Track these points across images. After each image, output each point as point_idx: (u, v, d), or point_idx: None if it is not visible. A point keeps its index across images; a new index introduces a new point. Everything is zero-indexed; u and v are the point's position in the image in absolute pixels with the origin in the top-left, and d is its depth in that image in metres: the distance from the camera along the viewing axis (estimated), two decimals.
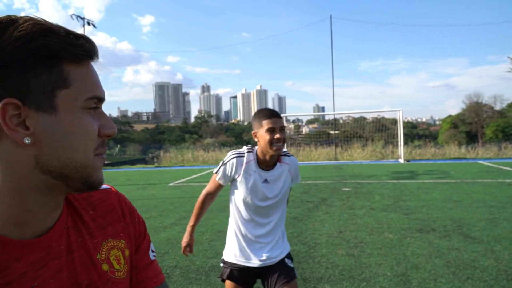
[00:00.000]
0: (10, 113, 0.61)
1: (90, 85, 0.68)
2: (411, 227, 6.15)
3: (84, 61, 0.67)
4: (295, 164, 2.49)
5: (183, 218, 7.45)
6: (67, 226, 0.74)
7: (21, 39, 0.61)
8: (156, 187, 12.38)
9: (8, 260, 0.64)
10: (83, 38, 0.67)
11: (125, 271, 0.81)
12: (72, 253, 0.73)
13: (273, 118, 2.28)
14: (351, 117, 40.62)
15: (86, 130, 0.66)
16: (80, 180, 0.68)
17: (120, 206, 0.86)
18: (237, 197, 2.42)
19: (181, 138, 64.54)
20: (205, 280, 4.25)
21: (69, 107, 0.65)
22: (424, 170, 14.32)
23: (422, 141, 32.58)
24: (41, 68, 0.62)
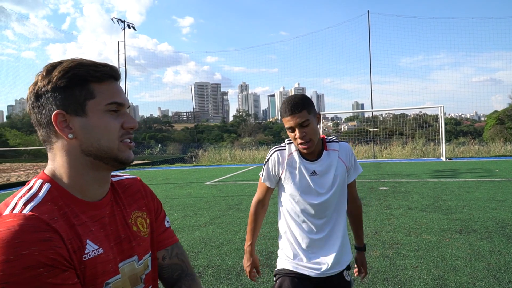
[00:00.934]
0: (59, 119, 0.98)
1: (110, 95, 1.01)
2: (450, 228, 5.92)
3: (105, 80, 1.01)
4: (346, 149, 2.13)
5: (217, 217, 7.51)
6: (111, 199, 1.11)
7: (61, 72, 0.97)
8: (193, 186, 12.56)
9: (79, 211, 1.00)
10: (104, 66, 1.02)
11: (147, 232, 1.17)
12: (115, 217, 1.09)
13: (289, 115, 1.95)
14: (391, 114, 39.63)
15: (107, 126, 1.00)
16: (111, 158, 1.02)
17: (144, 189, 1.25)
18: (285, 197, 2.13)
19: (219, 137, 65.22)
20: (236, 280, 4.26)
21: (95, 111, 0.99)
22: (466, 168, 13.74)
23: (465, 138, 31.30)
24: (75, 88, 0.98)
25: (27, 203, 0.92)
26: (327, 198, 2.05)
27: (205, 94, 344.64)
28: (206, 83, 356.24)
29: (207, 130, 76.88)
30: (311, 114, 1.96)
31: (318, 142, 2.04)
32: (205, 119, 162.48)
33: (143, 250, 1.13)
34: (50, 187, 0.99)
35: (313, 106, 2.00)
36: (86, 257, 0.95)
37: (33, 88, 0.99)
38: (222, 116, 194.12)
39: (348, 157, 2.12)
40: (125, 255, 1.07)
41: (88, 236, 0.98)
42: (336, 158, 2.08)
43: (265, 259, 4.86)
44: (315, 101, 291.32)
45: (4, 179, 17.58)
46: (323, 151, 2.08)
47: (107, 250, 1.01)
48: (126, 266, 1.06)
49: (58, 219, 0.93)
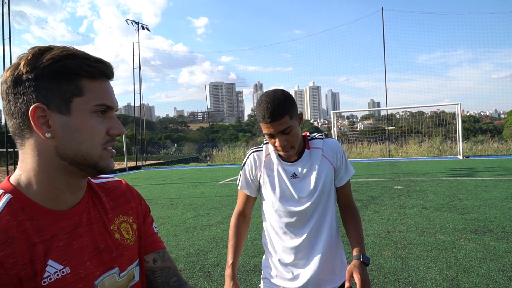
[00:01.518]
0: (38, 114, 0.84)
1: (101, 95, 0.90)
2: (465, 227, 5.80)
3: (98, 78, 0.90)
4: (333, 146, 1.86)
5: (229, 216, 7.50)
6: (88, 205, 0.98)
7: (50, 60, 0.84)
8: (206, 185, 12.59)
9: (46, 224, 0.87)
10: (100, 62, 0.90)
11: (133, 239, 1.05)
12: (92, 225, 0.96)
13: (268, 123, 1.70)
14: (408, 112, 39.17)
15: (92, 129, 0.88)
16: (88, 165, 0.89)
17: (131, 192, 1.13)
18: (265, 205, 1.91)
19: (234, 136, 65.38)
20: (245, 280, 4.25)
21: (80, 110, 0.87)
22: (484, 167, 13.47)
23: (484, 136, 30.73)
24: (62, 81, 0.85)
25: None
26: (309, 205, 1.80)
27: (220, 94, 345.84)
28: (220, 83, 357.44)
29: (222, 130, 77.17)
30: (293, 119, 1.73)
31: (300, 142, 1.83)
32: (220, 119, 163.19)
33: (127, 260, 1.01)
34: (10, 198, 0.86)
35: (295, 107, 1.76)
36: (46, 281, 0.83)
37: (13, 72, 0.85)
38: (237, 116, 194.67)
39: (336, 155, 1.86)
40: (106, 267, 0.95)
41: (52, 255, 0.85)
42: (319, 157, 1.83)
43: None
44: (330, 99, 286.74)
45: None
46: (305, 150, 1.85)
47: (76, 267, 0.88)
48: (106, 279, 0.94)
49: (12, 241, 0.80)
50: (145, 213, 1.16)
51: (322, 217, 1.83)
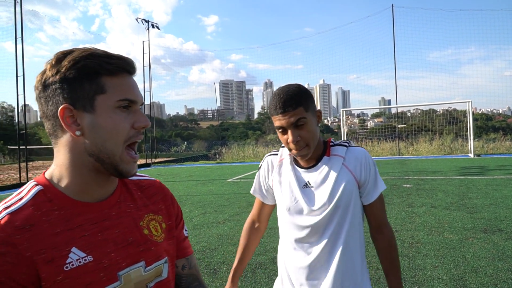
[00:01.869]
0: (66, 114, 0.90)
1: (122, 90, 0.92)
2: (475, 227, 5.73)
3: (119, 74, 0.93)
4: (358, 156, 1.62)
5: (236, 214, 7.51)
6: (119, 200, 1.02)
7: (71, 62, 0.89)
8: (215, 183, 12.63)
9: (72, 214, 0.93)
10: (119, 58, 0.93)
11: (161, 237, 1.07)
12: (122, 218, 1.00)
13: (280, 113, 1.53)
14: (419, 109, 38.82)
15: (116, 125, 0.91)
16: (111, 166, 0.93)
17: (163, 193, 1.16)
18: (278, 215, 1.74)
19: (244, 134, 65.34)
20: (251, 278, 4.25)
21: (104, 107, 0.91)
22: (495, 165, 13.29)
23: (497, 134, 30.33)
24: (84, 80, 0.90)
25: (4, 210, 0.89)
26: (321, 219, 1.59)
27: (230, 92, 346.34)
28: (230, 81, 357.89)
29: (232, 128, 77.20)
30: (309, 112, 1.55)
31: (318, 146, 1.64)
32: (230, 117, 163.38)
33: (154, 256, 1.03)
34: (39, 190, 0.93)
35: (312, 101, 1.60)
36: (68, 267, 0.88)
37: (41, 77, 0.92)
38: (247, 114, 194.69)
39: (360, 167, 1.61)
40: (132, 259, 0.98)
41: (76, 243, 0.91)
42: (338, 166, 1.60)
43: None
44: (340, 97, 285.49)
45: (37, 176, 18.13)
46: (323, 157, 1.64)
47: (99, 257, 0.93)
48: (132, 271, 0.98)
49: (31, 228, 0.87)
50: (177, 216, 1.19)
51: (336, 235, 1.61)
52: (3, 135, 33.98)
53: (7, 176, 18.61)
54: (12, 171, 21.07)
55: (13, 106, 45.55)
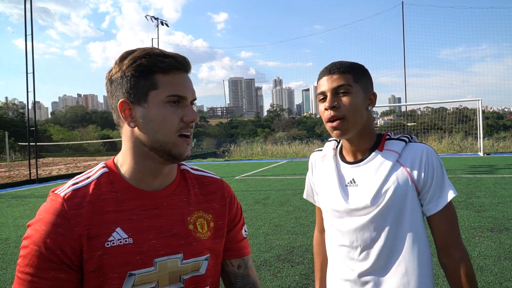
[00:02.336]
0: (124, 107, 1.00)
1: (173, 87, 0.99)
2: (482, 225, 5.69)
3: (171, 71, 1.00)
4: (418, 154, 1.32)
5: (243, 211, 7.51)
6: (174, 192, 1.09)
7: (130, 61, 0.99)
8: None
9: (126, 198, 1.02)
10: (172, 57, 1.00)
11: (206, 235, 1.10)
12: (171, 210, 1.06)
13: (325, 75, 1.35)
14: (429, 107, 38.50)
15: (164, 118, 0.99)
16: (164, 152, 1.00)
17: (223, 193, 1.18)
18: (323, 216, 1.54)
19: (253, 132, 65.39)
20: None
21: (156, 102, 0.98)
22: (505, 164, 13.17)
23: (507, 132, 29.98)
24: (140, 77, 0.98)
25: (72, 185, 1.01)
26: (366, 222, 1.33)
27: (239, 89, 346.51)
28: (240, 78, 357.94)
29: (241, 125, 77.34)
30: (358, 84, 1.33)
31: (369, 137, 1.39)
32: (239, 114, 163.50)
33: (194, 251, 1.07)
34: (104, 172, 1.05)
35: (368, 78, 1.39)
36: (109, 244, 0.97)
37: (109, 74, 1.03)
38: (256, 111, 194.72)
39: (420, 167, 1.31)
40: (171, 250, 1.04)
41: (122, 224, 0.99)
42: (391, 163, 1.33)
43: (286, 254, 4.84)
44: None
45: (46, 172, 18.38)
46: (373, 150, 1.38)
47: (140, 241, 1.00)
48: (170, 261, 1.03)
49: (87, 205, 0.98)
50: (234, 218, 1.21)
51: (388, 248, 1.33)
52: (14, 132, 34.38)
53: (17, 173, 18.85)
54: (23, 168, 21.33)
55: (23, 103, 46.12)
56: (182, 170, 1.16)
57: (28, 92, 15.44)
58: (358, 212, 1.34)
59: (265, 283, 4.04)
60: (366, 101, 1.36)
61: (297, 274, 4.21)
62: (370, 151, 1.38)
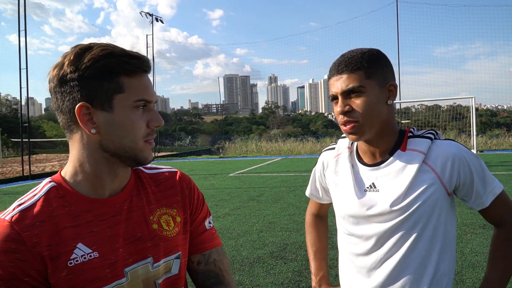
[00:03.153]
0: (83, 112, 0.91)
1: (140, 90, 0.93)
2: (474, 222, 5.74)
3: (137, 74, 0.93)
4: (447, 153, 1.21)
5: (237, 208, 7.55)
6: (131, 194, 1.02)
7: (90, 60, 0.89)
8: (217, 177, 12.67)
9: (81, 210, 0.94)
10: (137, 58, 0.94)
11: (173, 231, 1.05)
12: (132, 213, 1.00)
13: (334, 75, 1.24)
14: (424, 105, 38.67)
15: (133, 124, 0.92)
16: (129, 158, 0.95)
17: (181, 185, 1.12)
18: (337, 220, 1.42)
19: (248, 129, 65.36)
20: (248, 271, 4.27)
21: (122, 107, 0.92)
22: (498, 161, 13.29)
23: (501, 130, 30.21)
24: (104, 80, 0.90)
25: (18, 207, 0.91)
26: (385, 230, 1.24)
27: (234, 87, 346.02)
28: (235, 75, 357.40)
29: (236, 122, 77.27)
30: (371, 80, 1.20)
31: (390, 135, 1.27)
32: (234, 111, 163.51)
33: (163, 251, 1.01)
34: (52, 186, 0.95)
35: (383, 68, 1.24)
36: (72, 262, 0.89)
37: (58, 72, 0.91)
38: (251, 108, 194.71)
39: (452, 168, 1.20)
40: (139, 255, 0.98)
41: (83, 239, 0.92)
42: (417, 165, 1.21)
43: (279, 251, 4.85)
44: None
45: (40, 169, 18.28)
46: (396, 151, 1.26)
47: (105, 253, 0.93)
48: (140, 268, 0.98)
49: (40, 224, 0.89)
50: (195, 209, 1.13)
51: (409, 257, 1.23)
52: (7, 128, 34.16)
53: (10, 169, 18.73)
54: (16, 164, 21.20)
55: (17, 99, 45.78)
56: (135, 170, 1.08)
57: (22, 88, 15.36)
58: (378, 219, 1.24)
59: (258, 279, 4.04)
60: (385, 95, 1.23)
61: (290, 271, 4.22)
62: (391, 152, 1.26)
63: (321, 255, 1.57)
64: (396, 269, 1.24)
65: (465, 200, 1.27)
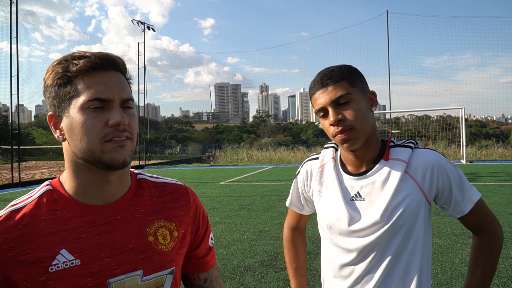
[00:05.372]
0: (53, 121, 0.94)
1: (93, 91, 0.89)
2: (463, 232, 5.77)
3: (89, 73, 0.89)
4: (427, 162, 1.26)
5: (228, 216, 7.52)
6: (129, 203, 0.99)
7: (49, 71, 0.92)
8: (207, 185, 12.62)
9: (72, 216, 0.93)
10: (86, 57, 0.90)
11: (169, 246, 1.01)
12: (126, 223, 0.97)
13: (319, 89, 1.25)
14: (414, 115, 39.02)
15: (86, 125, 0.88)
16: (96, 161, 0.90)
17: (186, 199, 1.09)
18: (320, 230, 1.44)
19: (239, 137, 65.33)
20: (239, 280, 4.25)
21: (76, 109, 0.89)
22: (487, 172, 13.41)
23: (490, 140, 30.58)
24: (60, 86, 0.90)
25: (10, 207, 0.93)
26: (371, 241, 1.26)
27: (225, 95, 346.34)
28: (226, 84, 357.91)
29: (227, 131, 77.20)
30: (355, 88, 1.25)
31: (373, 144, 1.30)
32: (225, 120, 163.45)
33: (155, 265, 0.98)
34: (47, 190, 0.96)
35: (362, 79, 1.29)
36: (54, 268, 0.87)
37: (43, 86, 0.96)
38: (242, 117, 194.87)
39: (431, 176, 1.25)
40: (128, 267, 0.94)
41: (67, 245, 0.90)
42: (400, 174, 1.24)
43: (270, 260, 4.84)
44: None
45: (29, 176, 18.07)
46: (379, 160, 1.29)
47: (88, 261, 0.90)
48: (128, 280, 0.94)
49: (23, 227, 0.88)
50: (201, 228, 1.12)
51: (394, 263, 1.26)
52: None
53: None
54: (5, 171, 20.92)
55: (7, 106, 45.29)
56: (138, 179, 1.06)
57: (12, 95, 15.21)
58: (365, 231, 1.26)
59: None
60: (368, 103, 1.28)
61: (281, 279, 4.21)
62: (375, 161, 1.29)
63: (300, 272, 1.57)
64: (380, 279, 1.27)
65: (444, 208, 1.31)
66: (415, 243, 1.26)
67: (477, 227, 1.32)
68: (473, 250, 1.33)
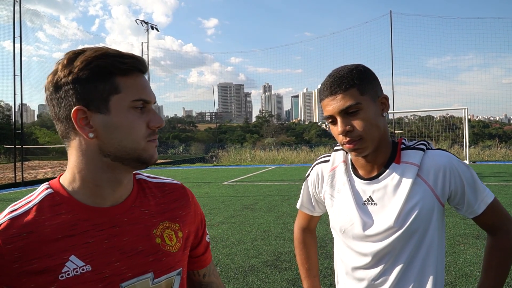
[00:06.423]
0: (79, 116, 0.87)
1: (137, 90, 0.90)
2: (467, 233, 5.77)
3: (131, 73, 0.90)
4: (438, 164, 1.24)
5: (231, 216, 7.53)
6: (133, 205, 0.98)
7: (83, 62, 0.86)
8: (210, 185, 12.64)
9: (79, 219, 0.90)
10: (131, 57, 0.90)
11: (176, 247, 1.01)
12: (133, 225, 0.95)
13: (328, 96, 1.23)
14: (417, 115, 38.93)
15: (132, 125, 0.89)
16: (133, 159, 0.90)
17: (186, 199, 1.10)
18: (333, 232, 1.44)
19: (242, 137, 65.36)
20: (243, 280, 4.26)
21: (119, 108, 0.88)
22: (490, 172, 13.38)
23: (493, 141, 30.50)
24: (98, 81, 0.87)
25: (9, 214, 0.87)
26: (385, 246, 1.26)
27: (228, 95, 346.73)
28: (229, 84, 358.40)
29: (230, 131, 77.24)
30: (365, 95, 1.21)
31: (384, 147, 1.29)
32: (228, 120, 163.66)
33: (165, 267, 0.98)
34: (48, 193, 0.91)
35: (373, 83, 1.26)
36: (64, 276, 0.84)
37: (53, 78, 0.88)
38: (245, 117, 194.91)
39: (443, 178, 1.23)
40: (140, 270, 0.93)
41: (76, 251, 0.87)
42: (411, 177, 1.23)
43: (273, 260, 4.85)
44: None
45: (32, 176, 18.14)
46: (391, 164, 1.28)
47: (100, 266, 0.89)
48: (138, 283, 0.93)
49: (27, 236, 0.85)
50: (200, 225, 1.14)
51: (408, 267, 1.27)
52: (0, 134, 33.93)
53: (2, 176, 18.57)
54: (8, 171, 21.01)
55: (10, 105, 45.50)
56: (138, 180, 1.05)
57: (15, 94, 15.27)
58: (379, 236, 1.26)
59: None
60: (379, 108, 1.25)
61: (285, 280, 4.22)
62: (386, 165, 1.28)
63: (312, 273, 1.58)
64: (395, 281, 1.27)
65: (458, 208, 1.30)
66: (429, 246, 1.26)
67: (492, 227, 1.32)
68: (487, 250, 1.33)
